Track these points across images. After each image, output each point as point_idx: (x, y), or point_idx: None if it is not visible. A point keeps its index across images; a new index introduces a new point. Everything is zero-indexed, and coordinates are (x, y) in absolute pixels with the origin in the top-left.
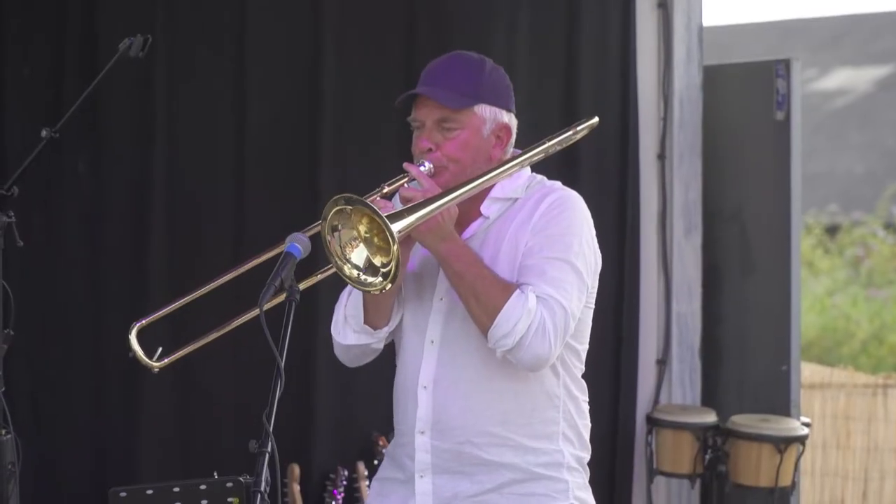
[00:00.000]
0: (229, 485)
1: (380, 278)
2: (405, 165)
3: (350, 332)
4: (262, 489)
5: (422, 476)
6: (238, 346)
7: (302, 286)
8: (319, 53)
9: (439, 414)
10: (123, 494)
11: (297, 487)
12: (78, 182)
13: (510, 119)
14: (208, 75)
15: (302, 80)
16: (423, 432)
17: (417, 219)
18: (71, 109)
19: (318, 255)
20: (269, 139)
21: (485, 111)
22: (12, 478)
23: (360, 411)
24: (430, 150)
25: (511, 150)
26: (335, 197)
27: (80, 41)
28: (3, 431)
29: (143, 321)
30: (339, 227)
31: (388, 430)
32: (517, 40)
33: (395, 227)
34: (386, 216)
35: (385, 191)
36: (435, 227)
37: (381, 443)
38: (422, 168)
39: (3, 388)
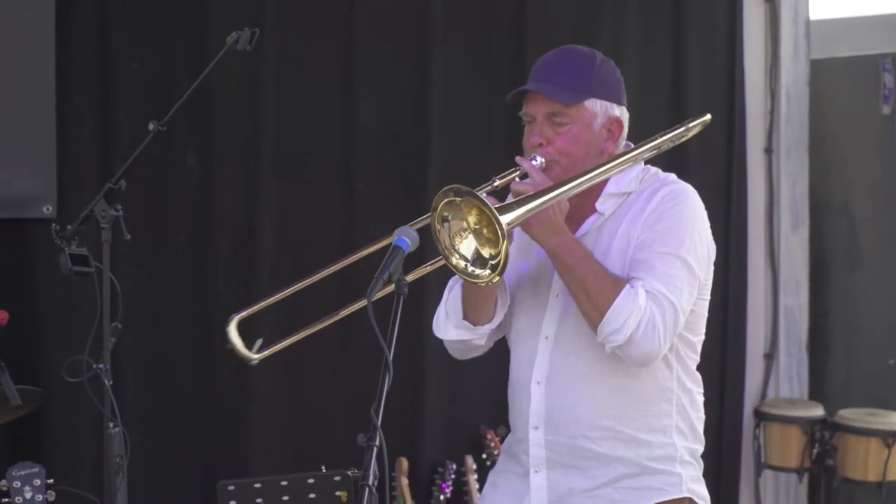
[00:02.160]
0: (337, 478)
1: (488, 270)
2: (517, 159)
3: (451, 327)
4: (370, 483)
5: (536, 471)
6: (347, 339)
7: (410, 277)
8: (428, 47)
9: (552, 409)
10: (231, 488)
11: (405, 481)
12: (186, 175)
13: (621, 112)
14: (316, 68)
15: (411, 73)
16: (536, 427)
17: (527, 211)
18: (178, 103)
19: (427, 249)
20: (378, 133)
21: (596, 105)
22: (120, 471)
23: (469, 405)
24: (541, 144)
25: (623, 143)
26: (445, 188)
27: (188, 34)
28: (112, 425)
29: (243, 313)
30: (449, 217)
31: (496, 424)
32: (625, 35)
33: (504, 219)
34: (495, 208)
35: (496, 184)
36: (545, 220)
37: (489, 436)
38: (533, 162)
39: (112, 382)
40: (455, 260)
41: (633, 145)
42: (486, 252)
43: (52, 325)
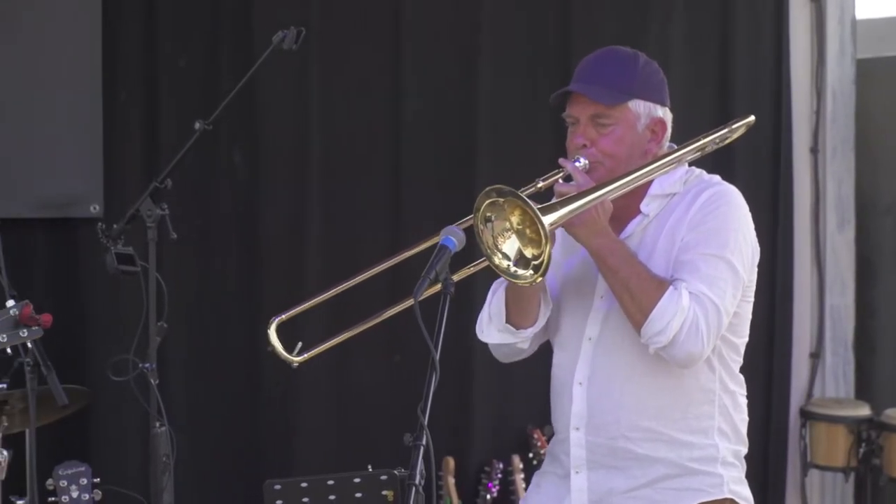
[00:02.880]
0: (384, 478)
1: (530, 271)
2: (560, 161)
3: (494, 330)
4: (417, 482)
5: (577, 472)
6: (394, 339)
7: (456, 278)
8: (475, 47)
9: (593, 410)
10: (278, 487)
11: (451, 480)
12: (232, 174)
13: (665, 113)
14: (363, 67)
15: (457, 73)
16: (577, 428)
17: (570, 212)
18: (224, 101)
19: (474, 250)
20: (424, 132)
21: (639, 106)
22: (167, 470)
23: (516, 404)
24: (585, 146)
25: (667, 144)
26: (488, 188)
27: (234, 33)
28: (158, 424)
29: (283, 315)
30: (492, 218)
31: (543, 424)
32: (671, 35)
33: (547, 219)
34: (538, 208)
35: (539, 186)
36: (588, 220)
37: (536, 436)
38: (576, 164)
39: (158, 381)
40: (498, 260)
41: (676, 147)
42: (528, 252)
43: (99, 324)
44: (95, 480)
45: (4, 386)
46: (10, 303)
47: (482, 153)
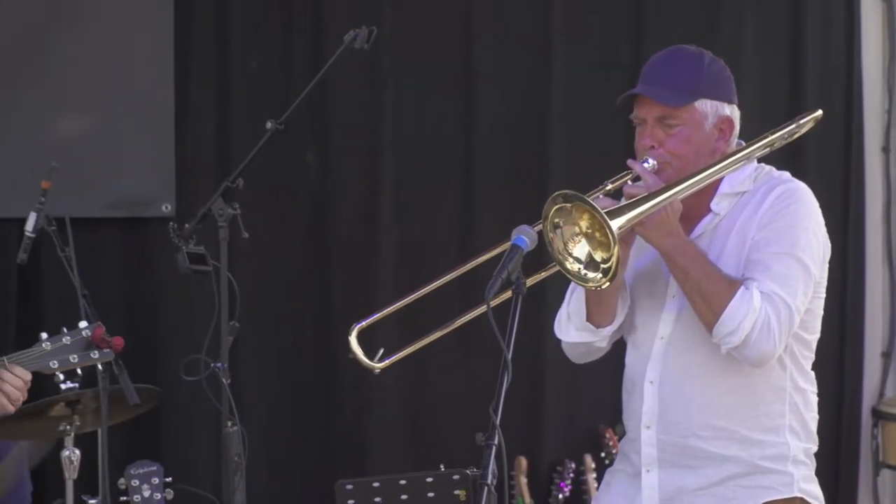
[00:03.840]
0: (456, 477)
1: (600, 274)
2: (628, 163)
3: (572, 329)
4: (489, 482)
5: (648, 470)
6: (466, 338)
7: (529, 282)
8: (547, 47)
9: (664, 408)
10: (350, 487)
11: (524, 480)
12: (304, 174)
13: (732, 111)
14: (435, 67)
15: (530, 74)
16: (648, 427)
17: (638, 214)
18: (296, 101)
19: (545, 252)
20: (497, 131)
21: (705, 105)
22: (238, 469)
23: (588, 403)
24: (653, 147)
25: (735, 142)
26: (554, 194)
27: (306, 33)
28: (230, 423)
29: (363, 322)
30: (561, 223)
31: (614, 423)
32: (743, 35)
33: (615, 223)
34: (606, 212)
35: (609, 188)
36: (658, 222)
37: (608, 435)
38: (645, 165)
39: (230, 381)
40: (569, 265)
41: (744, 145)
42: (598, 256)
43: (170, 323)
44: (167, 480)
45: (77, 385)
46: (83, 324)
47: (554, 153)
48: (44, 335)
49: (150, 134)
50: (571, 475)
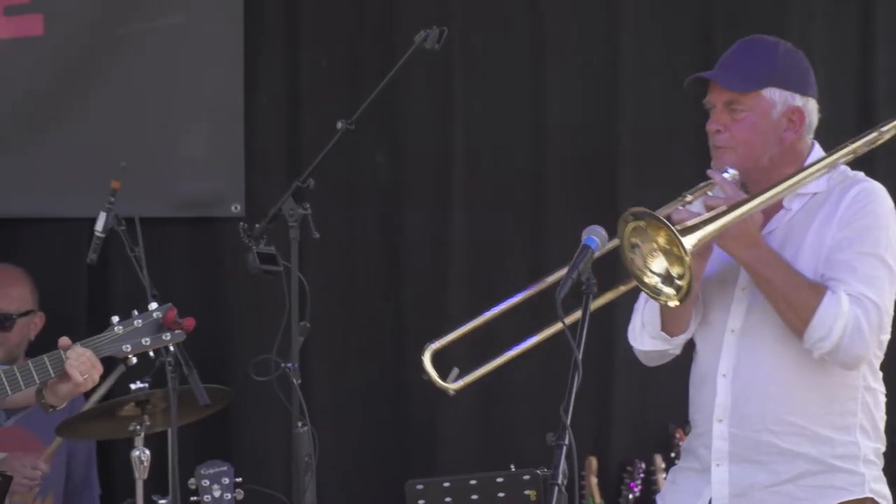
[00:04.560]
0: (526, 477)
1: (673, 290)
2: (708, 172)
3: (647, 337)
4: (560, 482)
5: (718, 465)
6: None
7: (603, 300)
8: (616, 47)
9: (738, 401)
10: (420, 487)
11: (594, 480)
12: (375, 174)
13: (805, 103)
14: (505, 68)
15: (599, 75)
16: (720, 420)
17: (718, 229)
18: (366, 101)
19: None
20: (567, 132)
21: (774, 94)
22: (309, 470)
23: (658, 403)
24: (719, 131)
25: (809, 136)
26: (624, 214)
27: (376, 33)
28: (300, 423)
29: (437, 343)
30: (639, 243)
31: (685, 423)
32: (812, 33)
33: (691, 239)
34: (683, 228)
35: (688, 199)
36: (740, 234)
37: (678, 435)
38: (725, 175)
39: (300, 381)
40: (647, 279)
41: (816, 142)
42: (674, 271)
43: (241, 323)
44: (237, 480)
45: (146, 385)
46: (153, 305)
47: (623, 152)
48: (115, 318)
49: (220, 134)
50: (641, 475)
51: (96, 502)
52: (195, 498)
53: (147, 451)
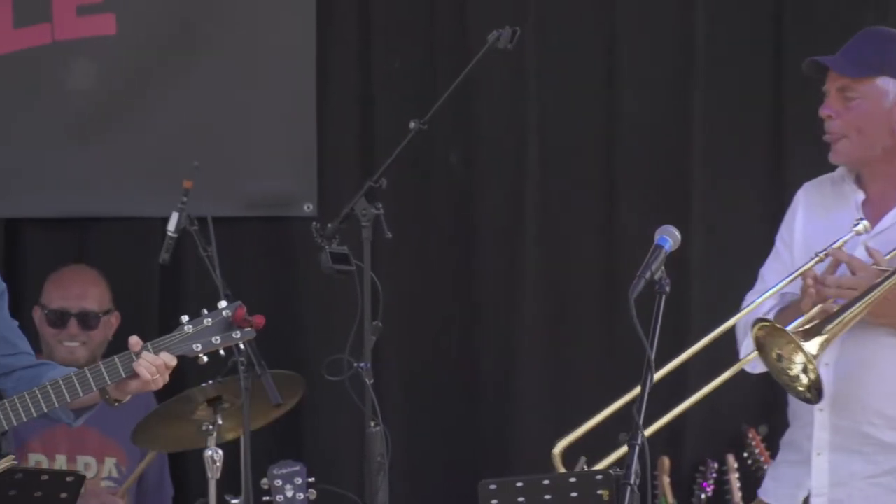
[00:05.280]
0: (599, 477)
1: (807, 379)
2: (831, 252)
3: (758, 364)
4: (632, 481)
5: (819, 454)
6: (609, 337)
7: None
8: (690, 46)
9: (840, 391)
10: (493, 487)
11: (666, 479)
12: (448, 174)
13: None
14: (577, 68)
15: (672, 76)
16: (822, 409)
17: (843, 326)
18: (439, 101)
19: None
20: (640, 132)
21: (888, 84)
22: (381, 470)
23: (732, 403)
24: (830, 117)
25: None
26: (754, 330)
27: (449, 33)
28: (373, 423)
29: (564, 441)
30: (782, 355)
31: (758, 423)
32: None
33: (811, 348)
34: (802, 332)
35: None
36: (887, 309)
37: (751, 435)
38: (856, 227)
39: (373, 381)
40: (796, 384)
41: None
42: (810, 368)
43: (313, 323)
44: (310, 480)
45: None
46: (223, 304)
47: (698, 151)
48: (184, 318)
49: (293, 133)
50: (714, 475)
51: (168, 503)
52: (267, 498)
53: (220, 451)
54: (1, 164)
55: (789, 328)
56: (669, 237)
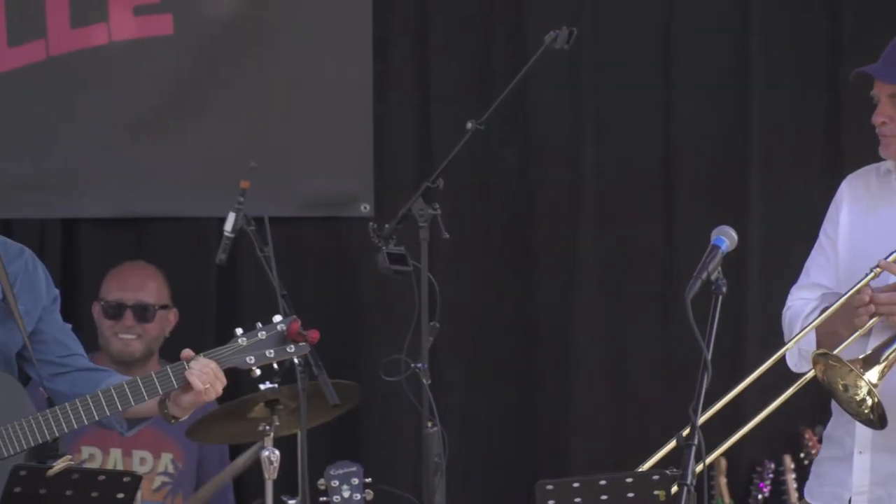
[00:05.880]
0: (656, 477)
1: (871, 401)
2: (881, 263)
3: (805, 363)
4: (689, 482)
5: (860, 452)
6: (666, 338)
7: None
8: (746, 49)
9: (884, 390)
10: (550, 487)
11: (723, 480)
12: (505, 174)
13: None
14: (634, 68)
15: (728, 76)
16: None
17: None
18: (496, 101)
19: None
20: (696, 131)
21: None
22: (438, 470)
23: (788, 403)
24: (884, 123)
25: None
26: (816, 368)
27: (506, 33)
28: (430, 424)
29: None
30: (847, 386)
31: (814, 423)
32: None
33: (871, 375)
34: (864, 358)
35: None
36: None
37: (807, 436)
38: None
39: (430, 381)
40: (863, 407)
41: None
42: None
43: (369, 324)
44: (367, 480)
45: (276, 386)
46: (277, 318)
47: (754, 152)
48: (238, 330)
49: (350, 133)
50: (771, 476)
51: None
52: (324, 498)
53: (276, 452)
54: (58, 164)
55: (846, 352)
56: (726, 237)
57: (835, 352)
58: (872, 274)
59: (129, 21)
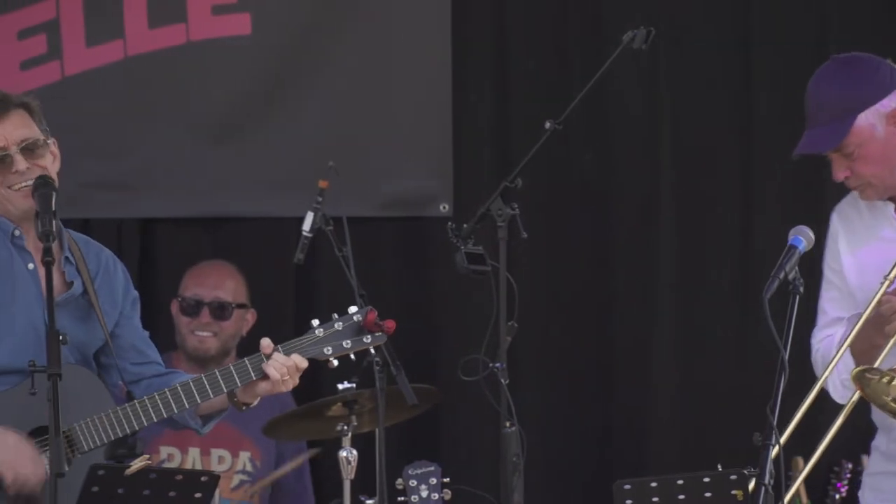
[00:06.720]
0: (733, 477)
1: None
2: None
3: (848, 391)
4: (767, 482)
5: None
6: (743, 337)
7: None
8: (824, 48)
9: None
10: (628, 487)
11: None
12: (584, 174)
13: (892, 98)
14: (711, 67)
15: (808, 77)
16: None
17: None
18: (574, 101)
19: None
20: (775, 129)
21: (867, 117)
22: (517, 470)
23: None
24: (847, 177)
25: None
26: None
27: (584, 33)
28: (508, 424)
29: None
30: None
31: None
32: None
33: None
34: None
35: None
36: None
37: None
38: None
39: (508, 381)
40: None
41: None
42: None
43: (448, 323)
44: (445, 480)
45: (354, 385)
46: (353, 309)
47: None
48: (315, 322)
49: (428, 133)
50: (848, 476)
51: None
52: (402, 498)
53: (354, 452)
54: (137, 164)
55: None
56: (803, 237)
57: (876, 363)
58: (887, 283)
59: (207, 21)
